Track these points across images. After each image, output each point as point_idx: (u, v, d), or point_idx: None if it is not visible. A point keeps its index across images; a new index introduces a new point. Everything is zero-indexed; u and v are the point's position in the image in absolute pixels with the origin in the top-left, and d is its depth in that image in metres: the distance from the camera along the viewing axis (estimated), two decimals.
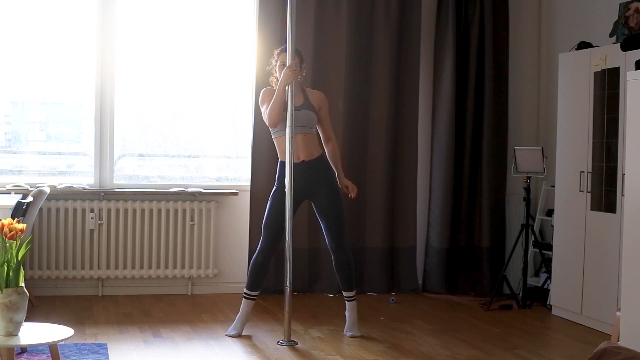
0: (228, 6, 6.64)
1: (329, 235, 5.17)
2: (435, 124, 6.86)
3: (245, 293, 5.24)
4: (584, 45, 5.86)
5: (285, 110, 5.01)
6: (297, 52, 5.12)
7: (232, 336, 5.15)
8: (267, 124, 5.15)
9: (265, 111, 5.12)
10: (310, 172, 5.14)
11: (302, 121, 5.09)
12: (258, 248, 5.22)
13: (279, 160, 5.21)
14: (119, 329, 5.24)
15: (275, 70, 5.20)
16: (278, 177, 5.20)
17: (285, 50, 5.08)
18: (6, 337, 3.61)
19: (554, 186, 6.25)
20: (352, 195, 5.34)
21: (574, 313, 5.83)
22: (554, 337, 5.58)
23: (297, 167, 5.06)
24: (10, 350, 3.61)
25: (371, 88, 6.69)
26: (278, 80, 5.11)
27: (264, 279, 5.28)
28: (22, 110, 6.56)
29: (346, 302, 5.31)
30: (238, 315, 5.25)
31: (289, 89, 5.00)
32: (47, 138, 6.62)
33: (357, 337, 5.19)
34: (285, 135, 5.02)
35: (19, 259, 3.65)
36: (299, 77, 5.13)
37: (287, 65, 5.03)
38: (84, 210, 6.23)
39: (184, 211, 6.42)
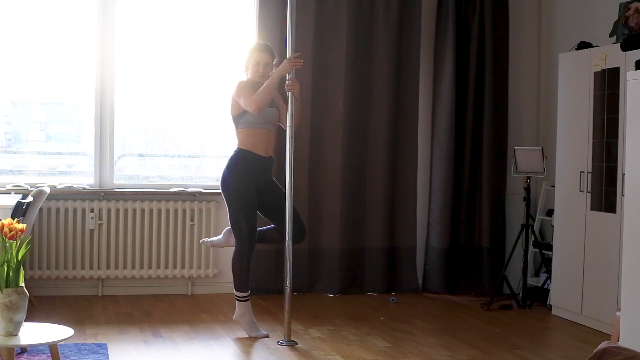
0: (228, 6, 6.64)
1: (278, 224, 5.26)
2: (435, 124, 6.85)
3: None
4: (584, 45, 5.86)
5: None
6: (268, 49, 5.24)
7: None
8: (251, 110, 5.08)
9: (248, 100, 5.07)
10: (269, 168, 5.29)
11: (270, 118, 5.24)
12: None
13: (246, 151, 5.19)
14: (119, 329, 5.23)
15: (248, 67, 5.24)
16: (246, 169, 5.17)
17: (263, 50, 5.21)
18: (6, 337, 3.61)
19: (554, 186, 6.25)
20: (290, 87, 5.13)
21: (574, 313, 5.83)
22: (554, 337, 5.58)
23: (264, 161, 5.22)
24: (10, 350, 3.61)
25: (371, 88, 6.69)
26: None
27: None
28: (22, 110, 6.56)
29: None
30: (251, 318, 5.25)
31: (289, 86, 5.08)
32: (47, 138, 6.62)
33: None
34: (256, 128, 5.16)
35: (19, 259, 3.65)
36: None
37: (287, 57, 5.08)
38: (84, 210, 6.23)
39: (184, 211, 6.41)
